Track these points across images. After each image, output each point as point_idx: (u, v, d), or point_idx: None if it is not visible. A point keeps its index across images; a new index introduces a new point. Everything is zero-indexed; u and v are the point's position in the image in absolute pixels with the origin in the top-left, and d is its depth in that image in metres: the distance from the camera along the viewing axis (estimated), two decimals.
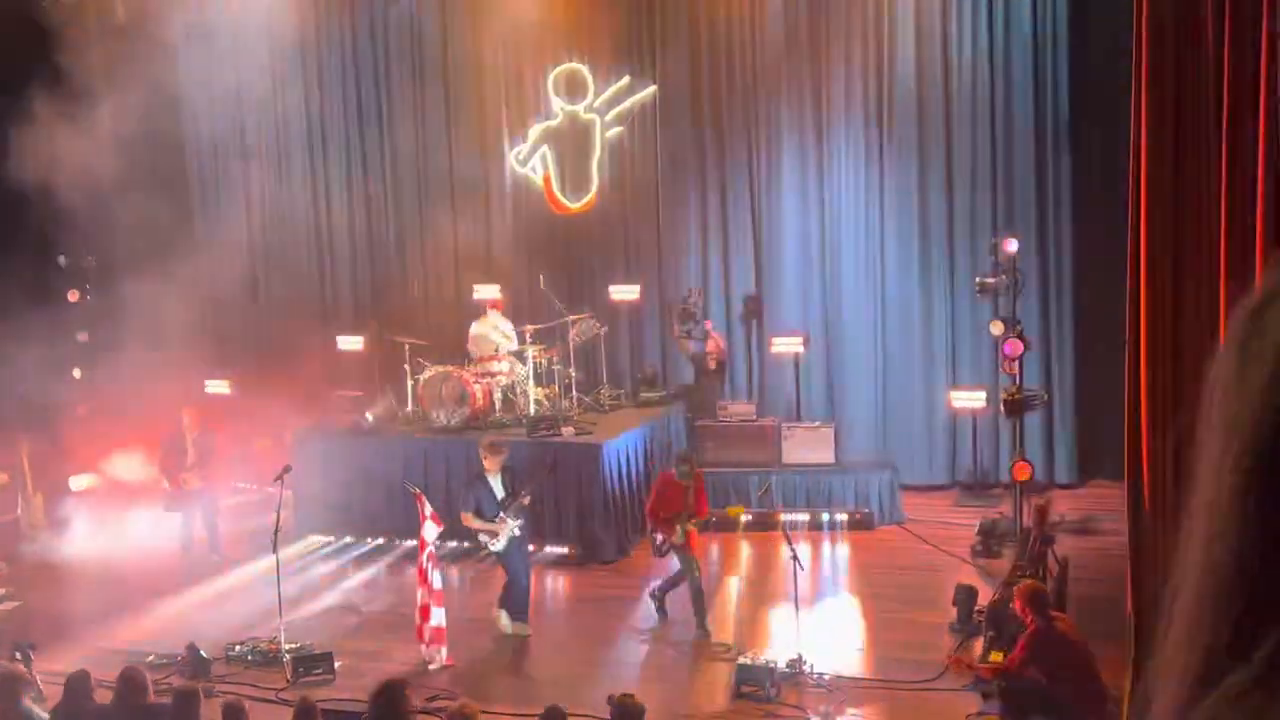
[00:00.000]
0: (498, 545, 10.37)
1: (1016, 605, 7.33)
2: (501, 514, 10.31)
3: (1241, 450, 0.92)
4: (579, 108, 16.23)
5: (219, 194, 17.96)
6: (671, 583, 10.71)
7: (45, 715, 7.83)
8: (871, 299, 15.24)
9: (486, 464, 10.50)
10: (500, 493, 10.41)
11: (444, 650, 10.10)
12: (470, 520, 10.45)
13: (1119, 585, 9.01)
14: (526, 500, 10.50)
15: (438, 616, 10.11)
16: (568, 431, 13.14)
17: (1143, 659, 7.74)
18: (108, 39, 16.34)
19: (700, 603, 10.41)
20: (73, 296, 16.23)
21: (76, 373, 16.18)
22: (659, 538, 10.39)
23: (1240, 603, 0.92)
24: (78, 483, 14.54)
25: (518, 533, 10.39)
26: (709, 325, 15.01)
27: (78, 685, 7.78)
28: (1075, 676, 7.84)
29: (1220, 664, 0.93)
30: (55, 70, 15.18)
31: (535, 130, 16.44)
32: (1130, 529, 7.83)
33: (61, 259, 16.18)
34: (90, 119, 14.90)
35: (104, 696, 8.07)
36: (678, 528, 10.20)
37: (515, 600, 10.61)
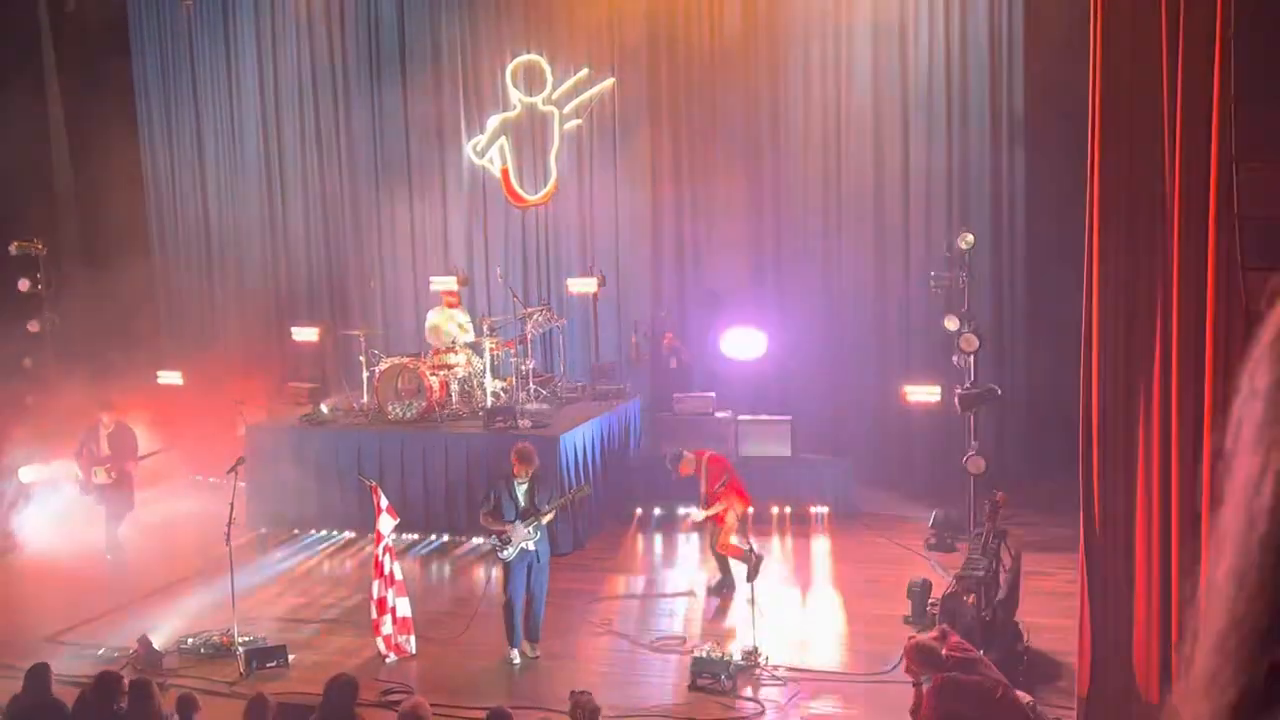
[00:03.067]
0: (506, 553, 9.85)
1: (910, 668, 6.95)
2: (517, 521, 9.79)
3: None
4: (537, 100, 16.18)
5: (173, 183, 17.77)
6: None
7: None
8: (827, 293, 15.32)
9: (515, 470, 9.92)
10: (522, 502, 9.86)
11: (412, 639, 10.07)
12: (485, 518, 9.99)
13: (1071, 579, 9.09)
14: (547, 518, 9.99)
15: (403, 607, 10.05)
16: (524, 424, 13.11)
17: (1096, 655, 7.81)
18: (59, 21, 16.12)
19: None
20: (23, 285, 15.99)
21: (27, 362, 15.96)
22: None
23: None
24: (26, 474, 14.33)
25: (531, 547, 9.83)
26: (669, 337, 15.04)
27: (38, 677, 7.68)
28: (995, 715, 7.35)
29: (1259, 701, 0.80)
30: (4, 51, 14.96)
31: (493, 121, 16.39)
32: (1083, 523, 7.89)
33: (12, 246, 15.93)
34: (41, 102, 14.69)
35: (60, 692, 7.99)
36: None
37: (513, 624, 10.00)
